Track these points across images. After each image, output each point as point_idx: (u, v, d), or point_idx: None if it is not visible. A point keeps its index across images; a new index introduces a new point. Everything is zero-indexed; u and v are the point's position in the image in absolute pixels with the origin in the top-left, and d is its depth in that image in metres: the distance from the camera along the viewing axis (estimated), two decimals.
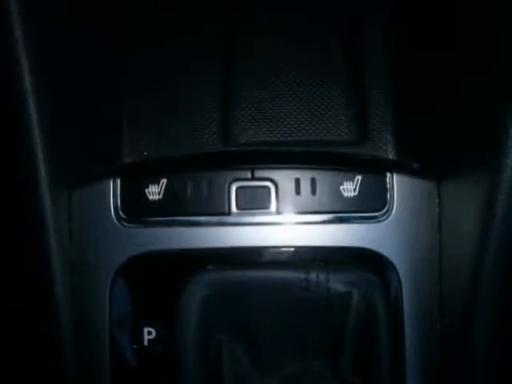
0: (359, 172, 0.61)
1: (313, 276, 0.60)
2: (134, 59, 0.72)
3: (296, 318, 0.61)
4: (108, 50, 0.70)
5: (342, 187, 0.61)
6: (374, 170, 0.62)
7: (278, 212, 0.61)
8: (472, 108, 0.56)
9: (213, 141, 0.70)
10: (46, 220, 0.56)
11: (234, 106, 0.71)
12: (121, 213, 0.62)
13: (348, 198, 0.61)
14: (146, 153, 0.70)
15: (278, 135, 0.70)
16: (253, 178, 0.61)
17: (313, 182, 0.61)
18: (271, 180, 0.61)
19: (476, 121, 0.55)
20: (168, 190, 0.61)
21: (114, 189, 0.62)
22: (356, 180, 0.61)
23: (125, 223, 0.62)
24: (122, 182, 0.62)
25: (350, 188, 0.61)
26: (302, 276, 0.60)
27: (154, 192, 0.61)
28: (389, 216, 0.61)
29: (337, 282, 0.60)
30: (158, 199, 0.61)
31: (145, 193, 0.61)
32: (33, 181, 0.55)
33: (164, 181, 0.61)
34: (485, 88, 0.53)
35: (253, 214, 0.61)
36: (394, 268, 0.61)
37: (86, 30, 0.63)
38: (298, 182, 0.61)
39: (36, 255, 0.58)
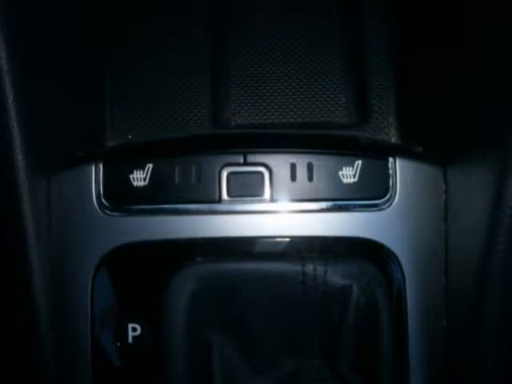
0: (359, 156, 0.60)
1: (310, 268, 0.59)
2: (118, 36, 0.71)
3: (292, 314, 0.60)
4: (90, 28, 0.69)
5: (340, 173, 0.60)
6: (375, 154, 0.61)
7: (273, 200, 0.60)
8: (480, 88, 0.55)
9: (202, 123, 0.69)
10: (23, 208, 0.55)
11: (225, 85, 0.71)
12: (103, 200, 0.60)
13: (347, 185, 0.60)
14: (130, 136, 0.69)
15: (273, 117, 0.69)
16: (245, 163, 0.60)
17: (309, 167, 0.60)
18: (265, 165, 0.60)
19: (484, 101, 0.54)
20: (154, 175, 0.60)
21: (96, 175, 0.60)
22: (356, 165, 0.60)
23: (108, 211, 0.60)
24: (104, 167, 0.60)
25: (349, 174, 0.60)
26: (298, 268, 0.59)
27: (139, 178, 0.60)
28: (391, 204, 0.60)
29: (335, 275, 0.59)
30: (144, 186, 0.60)
31: (129, 179, 0.60)
32: (9, 166, 0.54)
33: (150, 166, 0.60)
34: (491, 71, 0.53)
35: (245, 202, 0.60)
36: (397, 259, 0.60)
37: (64, 3, 0.62)
38: (293, 167, 0.60)
39: (12, 246, 0.56)
